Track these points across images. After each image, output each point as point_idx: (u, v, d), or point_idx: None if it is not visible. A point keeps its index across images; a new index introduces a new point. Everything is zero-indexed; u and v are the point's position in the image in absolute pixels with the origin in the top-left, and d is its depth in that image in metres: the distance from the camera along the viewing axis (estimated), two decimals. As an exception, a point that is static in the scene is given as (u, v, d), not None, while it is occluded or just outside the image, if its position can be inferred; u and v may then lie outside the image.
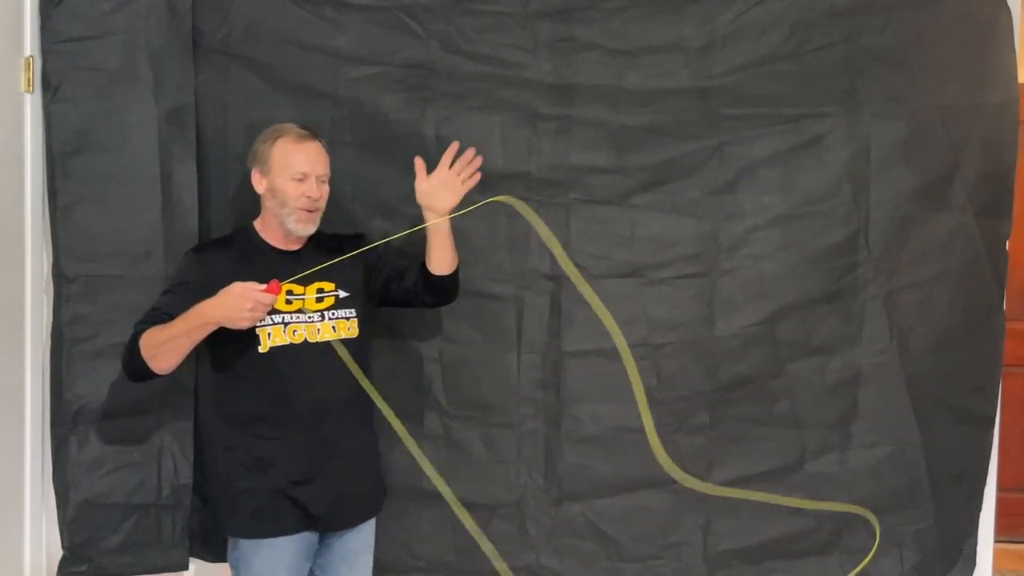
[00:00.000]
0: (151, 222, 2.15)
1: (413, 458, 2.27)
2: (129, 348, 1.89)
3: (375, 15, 2.23)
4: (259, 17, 2.21)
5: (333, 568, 2.05)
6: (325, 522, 2.00)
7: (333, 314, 2.01)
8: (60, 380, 2.14)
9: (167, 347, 1.85)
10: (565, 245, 2.24)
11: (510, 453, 2.27)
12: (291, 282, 1.91)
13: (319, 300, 2.00)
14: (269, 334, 1.95)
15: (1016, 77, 2.23)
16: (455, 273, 2.09)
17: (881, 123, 2.20)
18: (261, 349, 1.94)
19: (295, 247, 2.03)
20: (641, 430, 2.24)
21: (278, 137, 1.99)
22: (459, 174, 2.04)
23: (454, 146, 2.05)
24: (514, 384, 2.26)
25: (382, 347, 2.25)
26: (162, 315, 1.89)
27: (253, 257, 1.99)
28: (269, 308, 1.84)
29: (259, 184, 2.00)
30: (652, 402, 2.25)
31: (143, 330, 1.88)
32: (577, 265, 2.24)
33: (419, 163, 2.05)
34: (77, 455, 2.15)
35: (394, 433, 2.27)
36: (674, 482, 2.26)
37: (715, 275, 2.23)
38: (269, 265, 1.95)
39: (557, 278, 2.25)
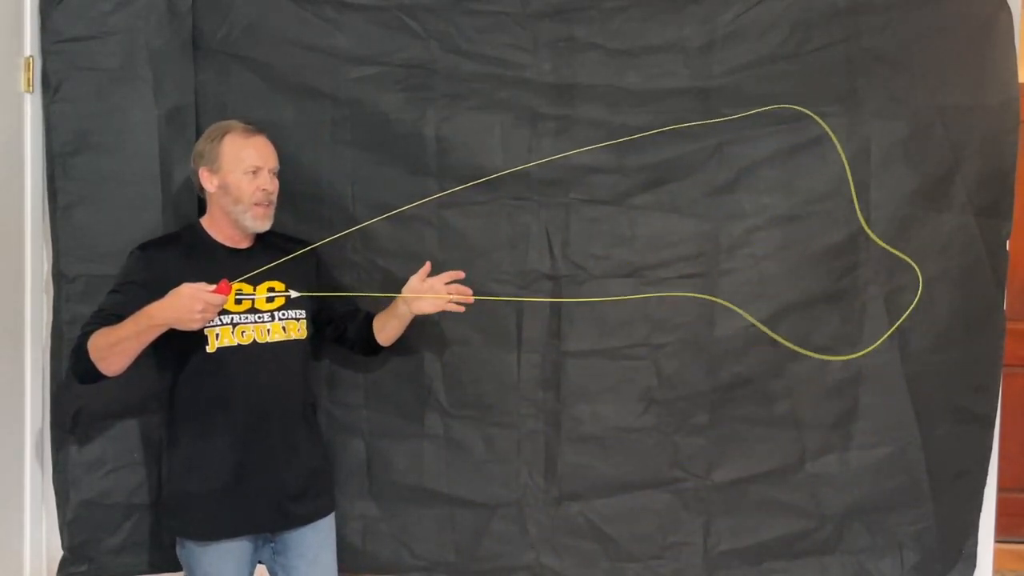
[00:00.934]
0: (151, 222, 2.15)
1: (413, 458, 2.27)
2: (76, 351, 1.87)
3: (375, 15, 2.23)
4: (259, 17, 2.21)
5: (293, 566, 2.05)
6: (268, 524, 2.00)
7: (283, 314, 2.00)
8: (60, 380, 2.15)
9: (116, 349, 1.83)
10: (565, 245, 2.24)
11: (510, 453, 2.27)
12: (241, 281, 1.89)
13: (269, 300, 1.99)
14: (217, 335, 1.93)
15: (1016, 77, 2.22)
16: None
17: (881, 123, 2.19)
18: (209, 349, 1.93)
19: (245, 245, 2.02)
20: (641, 429, 2.25)
21: (225, 133, 1.99)
22: (449, 296, 2.05)
23: (459, 273, 2.07)
24: (514, 384, 2.26)
25: (382, 347, 2.25)
26: (110, 316, 1.87)
27: (202, 255, 1.97)
28: (220, 308, 1.83)
29: (209, 182, 1.99)
30: (652, 402, 2.25)
31: (91, 331, 1.86)
32: (576, 265, 2.24)
33: (428, 265, 2.08)
34: (77, 455, 2.16)
35: (394, 433, 2.27)
36: (674, 482, 2.26)
37: (715, 275, 2.23)
38: (219, 263, 1.95)
39: (557, 278, 2.25)
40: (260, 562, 2.08)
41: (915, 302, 2.17)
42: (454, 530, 2.29)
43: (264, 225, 2.00)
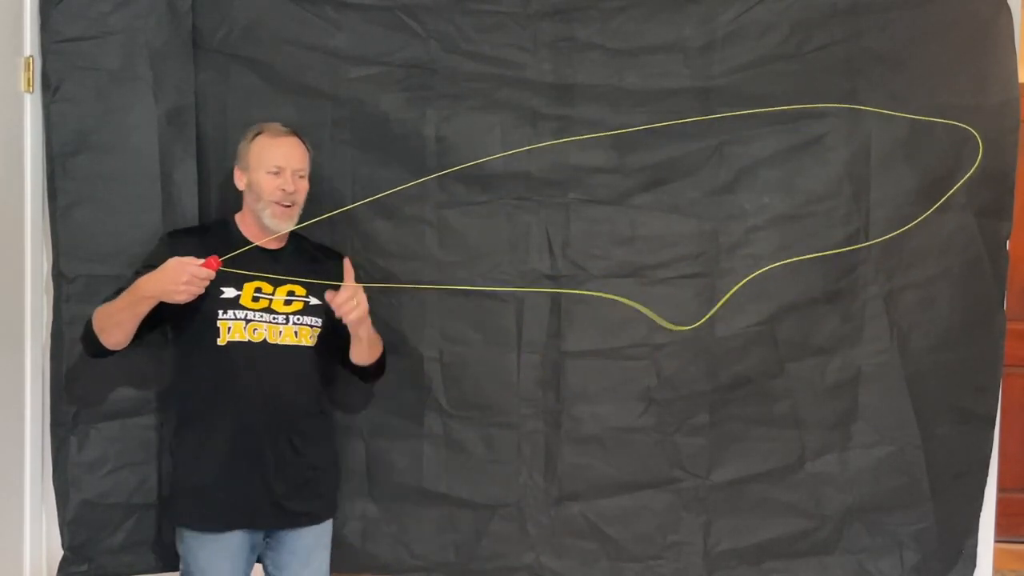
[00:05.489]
0: (151, 222, 2.15)
1: (413, 458, 2.27)
2: (86, 324, 1.95)
3: (375, 15, 2.23)
4: (259, 17, 2.21)
5: (285, 563, 2.05)
6: (266, 521, 2.01)
7: (298, 319, 2.01)
8: (60, 380, 2.15)
9: (112, 321, 1.90)
10: (565, 245, 2.24)
11: (510, 453, 2.27)
12: (263, 280, 1.94)
13: (287, 303, 2.01)
14: (229, 328, 1.96)
15: (1016, 77, 2.23)
16: (376, 364, 2.11)
17: (881, 123, 2.19)
18: (219, 342, 1.95)
19: (274, 246, 2.03)
20: (641, 429, 2.25)
21: (257, 134, 2.03)
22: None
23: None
24: (514, 384, 2.26)
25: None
26: (120, 293, 1.93)
27: (228, 250, 1.96)
28: (207, 283, 1.85)
29: (239, 180, 2.04)
30: (652, 402, 2.25)
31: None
32: (576, 265, 2.24)
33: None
34: (77, 455, 2.16)
35: (394, 433, 2.27)
36: (674, 482, 2.26)
37: (715, 275, 2.23)
38: (244, 260, 1.95)
39: (557, 278, 2.25)
40: (258, 560, 2.08)
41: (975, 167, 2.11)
42: (454, 530, 2.28)
43: (283, 225, 2.00)
